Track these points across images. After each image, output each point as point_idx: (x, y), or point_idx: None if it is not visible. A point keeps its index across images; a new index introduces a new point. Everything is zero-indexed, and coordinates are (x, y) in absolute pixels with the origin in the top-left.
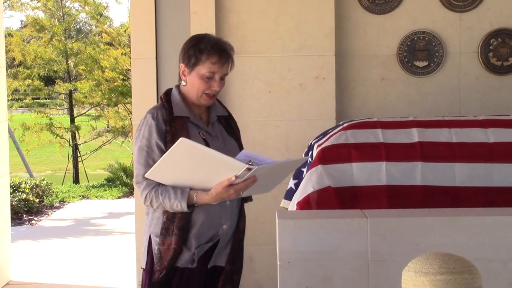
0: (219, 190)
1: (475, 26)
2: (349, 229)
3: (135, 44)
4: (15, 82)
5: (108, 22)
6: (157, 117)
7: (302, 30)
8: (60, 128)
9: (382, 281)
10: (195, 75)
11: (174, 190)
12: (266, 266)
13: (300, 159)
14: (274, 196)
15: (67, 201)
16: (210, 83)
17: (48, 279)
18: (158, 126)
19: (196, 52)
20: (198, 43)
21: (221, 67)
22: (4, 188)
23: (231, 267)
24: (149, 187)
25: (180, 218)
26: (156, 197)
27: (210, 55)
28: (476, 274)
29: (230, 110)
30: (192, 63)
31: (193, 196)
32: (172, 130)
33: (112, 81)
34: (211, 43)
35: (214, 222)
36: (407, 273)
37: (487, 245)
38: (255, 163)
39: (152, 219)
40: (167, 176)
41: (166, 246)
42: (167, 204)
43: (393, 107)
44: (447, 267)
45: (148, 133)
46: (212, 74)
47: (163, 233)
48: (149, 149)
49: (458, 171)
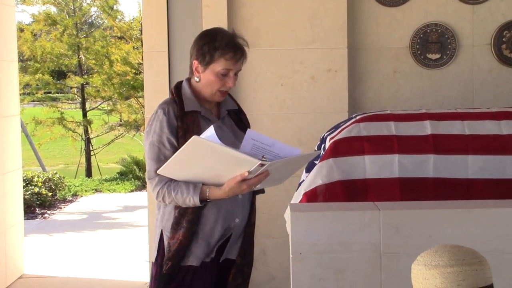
0: (232, 185)
1: (487, 18)
2: (362, 222)
3: (147, 37)
4: (26, 77)
5: (120, 15)
6: (169, 112)
7: (314, 23)
8: (72, 122)
9: (394, 273)
10: (210, 72)
11: (186, 186)
12: (279, 258)
13: (313, 153)
14: (286, 189)
15: (79, 194)
16: (225, 80)
17: (61, 272)
18: (170, 122)
19: (211, 49)
20: (213, 41)
21: (236, 63)
22: (17, 182)
23: (242, 260)
24: (161, 183)
25: (192, 213)
26: (169, 193)
27: (225, 52)
28: (486, 265)
29: (242, 103)
30: (207, 61)
31: (206, 191)
32: (183, 126)
33: (124, 75)
34: (225, 41)
35: (227, 216)
36: (416, 266)
37: (500, 237)
38: (268, 158)
39: (164, 214)
40: (179, 172)
41: (176, 239)
42: (179, 199)
43: (405, 99)
44: (457, 259)
45: (160, 128)
46: (227, 71)
47: (174, 227)
48: (160, 145)
49: (470, 163)
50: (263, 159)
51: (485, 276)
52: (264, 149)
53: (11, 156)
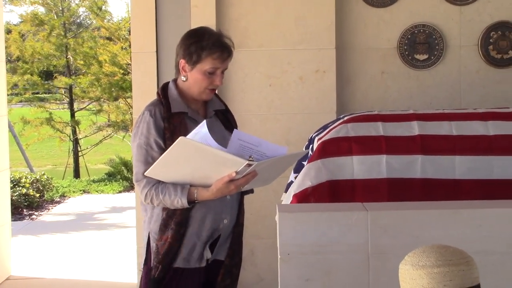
0: (220, 186)
1: (475, 19)
2: (350, 222)
3: (136, 38)
4: (14, 77)
5: (108, 16)
6: (155, 114)
7: (302, 24)
8: (60, 122)
9: (382, 274)
10: (197, 71)
11: (174, 187)
12: (267, 259)
13: (300, 152)
14: (274, 190)
15: (67, 195)
16: (212, 78)
17: (49, 274)
18: (156, 123)
19: (198, 49)
20: (200, 40)
21: (223, 62)
22: (4, 183)
23: (230, 261)
24: (149, 185)
25: (180, 215)
26: (157, 195)
27: (212, 52)
28: (473, 265)
29: (230, 103)
30: (194, 60)
31: (194, 193)
32: (170, 127)
33: (112, 76)
34: (212, 40)
35: (215, 217)
36: (404, 266)
37: (487, 237)
38: (255, 158)
39: (151, 216)
40: (167, 174)
41: (163, 241)
42: (167, 201)
43: (393, 100)
44: (444, 260)
45: (147, 130)
46: (215, 69)
47: (162, 229)
48: (147, 147)
49: (458, 164)
50: (250, 159)
51: (472, 276)
52: (251, 149)
53: None
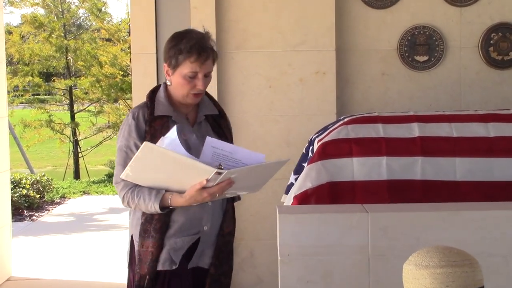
0: (192, 193)
1: (475, 21)
2: (350, 224)
3: (135, 39)
4: (15, 79)
5: (108, 17)
6: (138, 117)
7: (302, 25)
8: (60, 124)
9: (382, 276)
10: (178, 75)
11: (149, 192)
12: (267, 261)
13: (282, 161)
14: (274, 191)
15: (67, 196)
16: (194, 82)
17: (49, 274)
18: (138, 126)
19: (176, 53)
20: (178, 44)
21: (202, 65)
22: (5, 184)
23: (216, 270)
24: (126, 188)
25: (158, 220)
26: (132, 199)
27: (189, 55)
28: (477, 267)
29: (230, 105)
30: (173, 64)
31: (168, 199)
32: (151, 131)
33: (112, 77)
34: (190, 44)
35: (194, 223)
36: (407, 266)
37: (487, 239)
38: (227, 166)
39: (133, 219)
40: (141, 178)
41: (145, 248)
42: (142, 205)
43: (393, 101)
44: (447, 260)
45: (128, 133)
46: (194, 73)
47: (141, 234)
48: (127, 150)
49: (458, 166)
50: (220, 168)
51: (475, 278)
52: (225, 157)
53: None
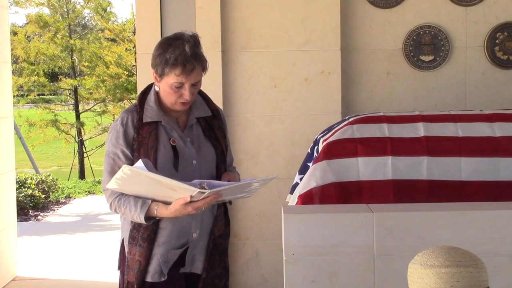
0: (177, 207)
1: (481, 20)
2: (355, 224)
3: (141, 39)
4: (20, 79)
5: (113, 17)
6: (127, 123)
7: (307, 25)
8: (65, 124)
9: (388, 276)
10: (165, 84)
11: (135, 202)
12: (272, 260)
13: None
14: (279, 191)
15: (73, 196)
16: (181, 92)
17: (54, 274)
18: (127, 132)
19: (162, 62)
20: (164, 53)
21: (188, 76)
22: (10, 184)
23: (208, 274)
24: (113, 195)
25: (146, 228)
26: (119, 207)
27: (173, 68)
28: (482, 268)
29: (235, 105)
30: (159, 73)
31: (154, 210)
32: (139, 138)
33: (117, 77)
34: (175, 55)
35: (183, 231)
36: (413, 265)
37: (493, 239)
38: (208, 185)
39: (124, 223)
40: (127, 190)
41: (132, 255)
42: (128, 214)
43: (399, 101)
44: (453, 260)
45: (115, 139)
46: (180, 84)
47: (130, 241)
48: (115, 156)
49: (464, 166)
50: (203, 187)
51: (480, 279)
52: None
53: (4, 158)
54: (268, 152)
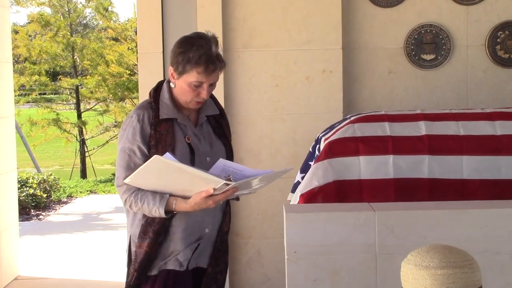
0: (197, 201)
1: (482, 19)
2: (357, 222)
3: (142, 38)
4: (22, 78)
5: (114, 17)
6: (143, 120)
7: (309, 24)
8: (67, 123)
9: (389, 274)
10: (183, 81)
11: (153, 196)
12: (274, 259)
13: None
14: (281, 190)
15: (74, 196)
16: (198, 90)
17: (56, 274)
18: (143, 129)
19: (184, 60)
20: (187, 51)
21: (208, 76)
22: (12, 183)
23: (213, 269)
24: (129, 191)
25: (158, 223)
26: (135, 202)
27: (196, 66)
28: (476, 267)
29: (236, 104)
30: (180, 71)
31: (172, 203)
32: (156, 135)
33: (119, 76)
34: (198, 54)
35: (196, 227)
36: (407, 265)
37: (494, 237)
38: (234, 178)
39: (133, 220)
40: (145, 184)
41: (142, 249)
42: (146, 209)
43: (400, 100)
44: (448, 261)
45: (132, 136)
46: (200, 83)
47: (141, 235)
48: (131, 152)
49: (465, 164)
50: (229, 179)
51: (474, 279)
52: (234, 172)
53: (6, 157)
54: (269, 150)
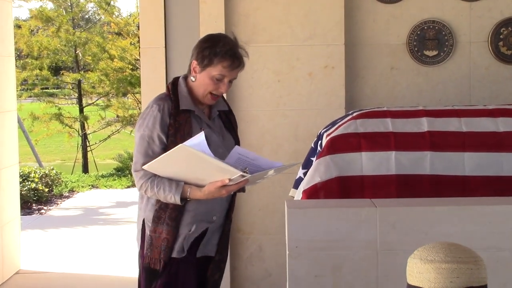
0: (212, 190)
1: (485, 15)
2: (358, 218)
3: (144, 33)
4: (24, 73)
5: (116, 12)
6: (163, 109)
7: (311, 19)
8: (69, 118)
9: (391, 270)
10: (206, 74)
11: (169, 183)
12: (275, 255)
13: (291, 164)
14: (282, 185)
15: (76, 190)
16: (219, 85)
17: (57, 268)
18: (163, 119)
19: (211, 54)
20: (214, 46)
21: (232, 71)
22: (14, 178)
23: (219, 257)
24: (145, 177)
25: (173, 209)
26: (151, 188)
27: (223, 59)
28: (482, 265)
29: (239, 100)
30: (204, 64)
31: (187, 191)
32: (175, 124)
33: (121, 71)
34: (226, 48)
35: (206, 214)
36: (412, 260)
37: (496, 234)
38: (250, 170)
39: (147, 204)
40: (164, 171)
41: (158, 234)
42: (161, 195)
43: (402, 96)
44: (453, 256)
45: (152, 124)
46: (222, 76)
47: (155, 220)
48: (150, 140)
49: (467, 160)
50: (245, 171)
51: (479, 276)
52: (248, 162)
53: (8, 151)
54: (271, 146)
